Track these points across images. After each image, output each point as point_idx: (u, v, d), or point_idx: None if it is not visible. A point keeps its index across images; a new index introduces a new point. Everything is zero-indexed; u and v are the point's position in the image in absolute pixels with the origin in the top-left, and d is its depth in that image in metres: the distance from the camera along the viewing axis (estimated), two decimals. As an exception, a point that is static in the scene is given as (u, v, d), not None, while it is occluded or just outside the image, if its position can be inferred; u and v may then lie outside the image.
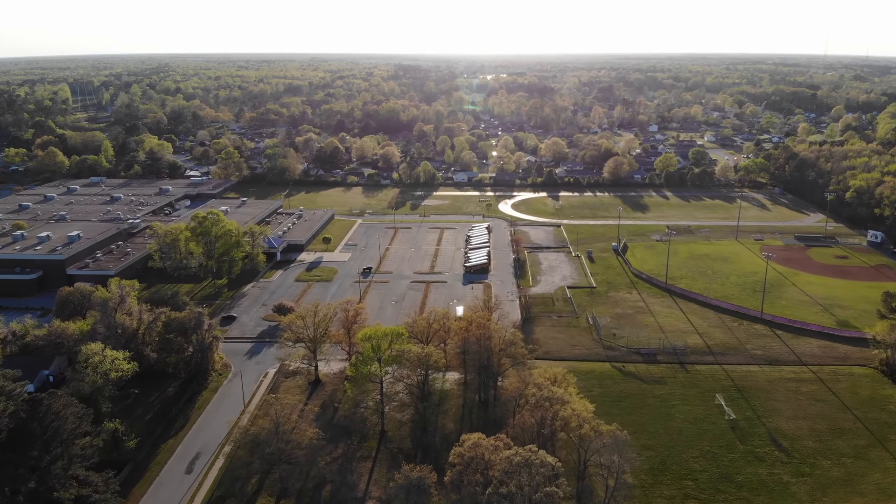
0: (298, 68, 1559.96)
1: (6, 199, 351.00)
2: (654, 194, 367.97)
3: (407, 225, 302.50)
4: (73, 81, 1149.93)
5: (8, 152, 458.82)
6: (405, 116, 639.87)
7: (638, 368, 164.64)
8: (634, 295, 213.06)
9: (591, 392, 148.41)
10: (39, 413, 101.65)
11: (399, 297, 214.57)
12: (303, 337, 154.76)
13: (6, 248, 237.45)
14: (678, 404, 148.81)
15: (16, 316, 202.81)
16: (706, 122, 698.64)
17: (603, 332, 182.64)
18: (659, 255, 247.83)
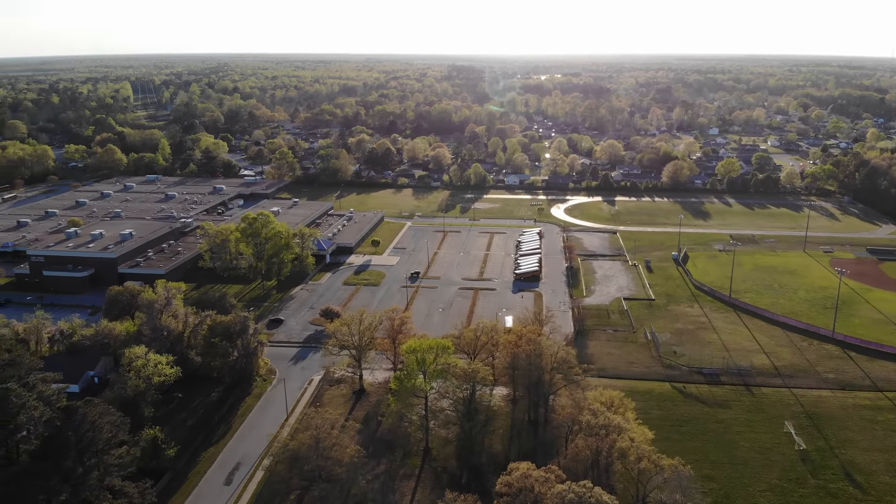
0: (353, 69, 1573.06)
1: (63, 196, 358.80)
2: (716, 201, 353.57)
3: (456, 229, 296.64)
4: (135, 80, 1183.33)
5: (68, 149, 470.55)
6: (457, 117, 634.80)
7: (700, 390, 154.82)
8: (696, 309, 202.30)
9: (650, 415, 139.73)
10: (74, 421, 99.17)
11: (446, 303, 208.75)
12: (348, 345, 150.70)
13: (59, 245, 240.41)
14: (743, 431, 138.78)
15: (67, 313, 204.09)
16: (769, 125, 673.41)
17: (662, 348, 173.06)
18: (722, 266, 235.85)
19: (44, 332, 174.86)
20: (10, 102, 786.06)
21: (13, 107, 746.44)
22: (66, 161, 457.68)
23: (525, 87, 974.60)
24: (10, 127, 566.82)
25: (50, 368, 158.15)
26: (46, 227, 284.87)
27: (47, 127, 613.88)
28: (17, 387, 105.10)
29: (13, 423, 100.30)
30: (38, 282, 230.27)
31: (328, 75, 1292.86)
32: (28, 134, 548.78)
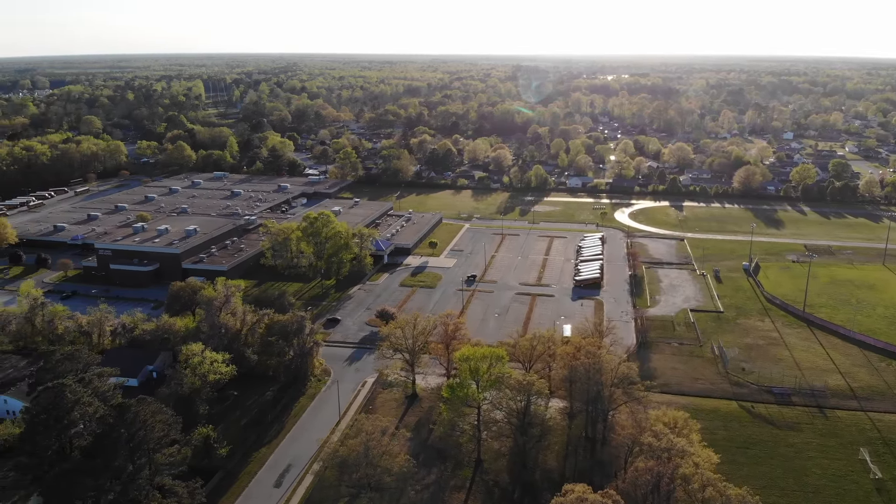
0: (418, 69, 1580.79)
1: (134, 191, 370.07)
2: (790, 209, 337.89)
3: (515, 231, 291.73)
4: (207, 78, 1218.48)
5: (140, 145, 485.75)
6: (520, 118, 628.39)
7: (769, 410, 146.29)
8: (767, 323, 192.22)
9: (715, 435, 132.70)
10: (126, 419, 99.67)
11: (502, 309, 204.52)
12: (401, 349, 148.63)
13: (126, 240, 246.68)
14: (815, 457, 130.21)
15: (130, 307, 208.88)
16: (847, 130, 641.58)
17: (730, 364, 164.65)
18: (795, 279, 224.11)
19: (106, 326, 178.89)
20: (87, 98, 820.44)
21: (90, 102, 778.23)
22: (138, 157, 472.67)
23: (591, 88, 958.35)
24: (86, 122, 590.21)
25: (110, 362, 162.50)
26: (115, 221, 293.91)
27: (121, 123, 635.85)
28: (73, 382, 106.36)
29: (67, 419, 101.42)
30: (105, 275, 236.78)
31: (393, 76, 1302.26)
32: (103, 129, 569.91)
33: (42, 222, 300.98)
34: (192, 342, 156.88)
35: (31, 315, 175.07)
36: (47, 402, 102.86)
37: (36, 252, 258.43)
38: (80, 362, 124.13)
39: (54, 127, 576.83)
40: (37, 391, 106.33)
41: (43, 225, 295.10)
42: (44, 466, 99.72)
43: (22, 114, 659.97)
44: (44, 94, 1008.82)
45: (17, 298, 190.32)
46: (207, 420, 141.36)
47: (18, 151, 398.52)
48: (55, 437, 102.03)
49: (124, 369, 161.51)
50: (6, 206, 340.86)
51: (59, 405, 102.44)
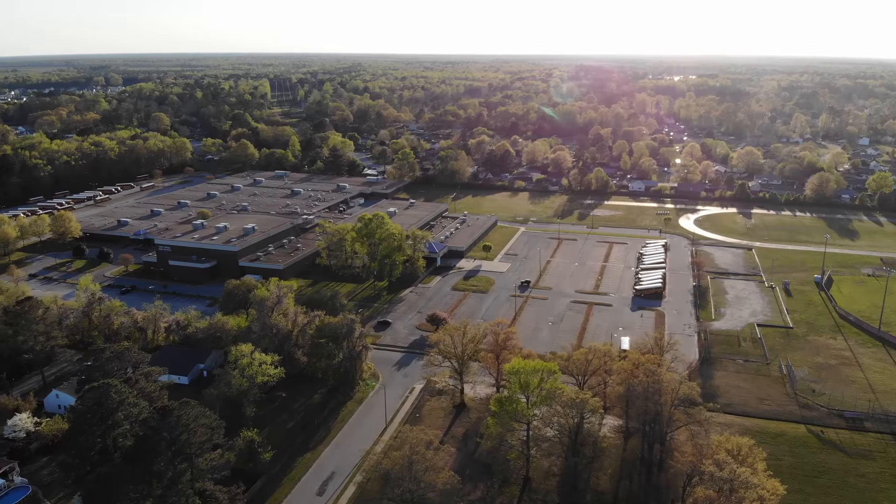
0: (480, 70, 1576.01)
1: (197, 187, 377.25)
2: (866, 219, 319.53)
3: (572, 236, 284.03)
4: (274, 77, 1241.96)
5: (205, 142, 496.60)
6: (581, 119, 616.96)
7: (840, 436, 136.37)
8: (839, 341, 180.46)
9: (781, 461, 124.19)
10: (169, 423, 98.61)
11: (557, 317, 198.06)
12: (449, 356, 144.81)
13: (185, 237, 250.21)
14: (888, 488, 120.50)
15: (187, 303, 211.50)
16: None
17: (799, 385, 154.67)
18: (871, 294, 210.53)
19: (161, 322, 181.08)
20: (158, 96, 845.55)
21: (160, 100, 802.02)
22: (203, 154, 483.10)
23: (656, 88, 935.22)
24: (154, 119, 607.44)
25: (162, 359, 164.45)
26: (177, 218, 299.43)
27: (189, 120, 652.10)
28: (119, 382, 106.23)
29: (111, 419, 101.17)
30: (163, 271, 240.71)
31: (455, 76, 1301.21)
32: (171, 126, 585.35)
33: (107, 217, 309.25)
34: (243, 342, 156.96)
35: (88, 310, 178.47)
36: (92, 402, 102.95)
37: (99, 246, 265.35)
38: (128, 361, 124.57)
39: (124, 123, 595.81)
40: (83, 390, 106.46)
41: (107, 219, 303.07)
42: (86, 466, 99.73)
43: (94, 110, 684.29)
44: (117, 90, 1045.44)
45: (75, 292, 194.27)
46: (254, 422, 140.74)
47: (87, 147, 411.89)
48: (99, 437, 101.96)
49: (175, 367, 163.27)
50: (74, 199, 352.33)
51: (104, 405, 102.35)
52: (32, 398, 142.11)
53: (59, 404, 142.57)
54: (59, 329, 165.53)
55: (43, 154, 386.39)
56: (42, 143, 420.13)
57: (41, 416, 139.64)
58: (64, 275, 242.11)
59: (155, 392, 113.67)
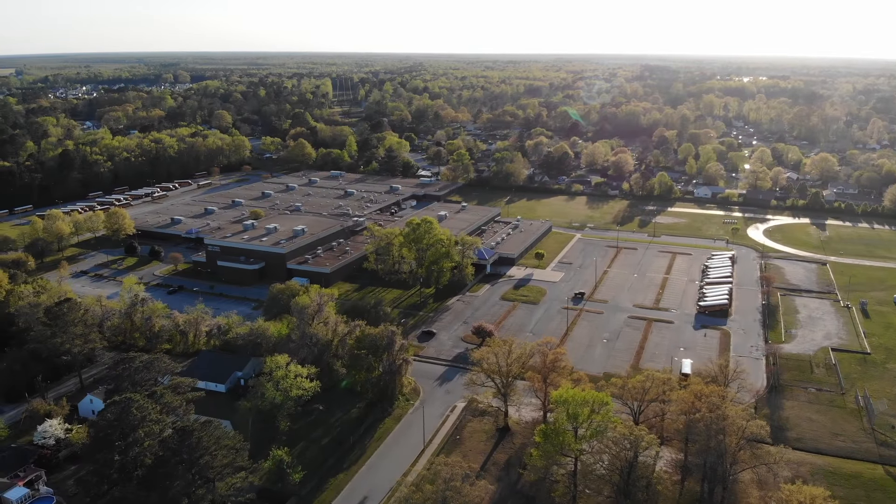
0: (541, 69, 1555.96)
1: (252, 186, 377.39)
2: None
3: (632, 245, 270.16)
4: (336, 77, 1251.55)
5: (265, 140, 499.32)
6: (646, 120, 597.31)
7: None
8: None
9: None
10: (188, 445, 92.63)
11: (612, 333, 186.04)
12: (493, 376, 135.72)
13: (235, 237, 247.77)
14: None
15: (232, 305, 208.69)
16: None
17: (877, 420, 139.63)
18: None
19: (202, 326, 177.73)
20: (222, 94, 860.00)
21: (224, 97, 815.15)
22: (261, 152, 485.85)
23: (724, 90, 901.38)
24: (217, 116, 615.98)
25: (200, 364, 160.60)
26: (230, 217, 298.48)
27: (250, 118, 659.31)
28: (142, 398, 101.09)
29: (131, 437, 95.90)
30: (211, 271, 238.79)
31: (515, 76, 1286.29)
32: (232, 124, 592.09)
33: (161, 214, 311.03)
34: (282, 350, 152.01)
35: (130, 311, 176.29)
36: (113, 417, 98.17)
37: (151, 244, 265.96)
38: (158, 371, 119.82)
39: (188, 120, 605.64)
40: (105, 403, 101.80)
41: (161, 217, 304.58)
42: (104, 485, 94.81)
43: (160, 106, 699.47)
44: (184, 87, 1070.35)
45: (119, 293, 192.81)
46: (288, 436, 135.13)
47: (148, 143, 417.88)
48: (118, 455, 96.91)
49: (213, 374, 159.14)
50: (131, 196, 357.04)
51: (125, 421, 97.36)
52: (65, 403, 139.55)
53: (93, 409, 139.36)
54: (98, 331, 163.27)
55: (104, 150, 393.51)
56: (104, 139, 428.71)
57: (76, 421, 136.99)
58: (114, 272, 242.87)
59: (181, 406, 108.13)
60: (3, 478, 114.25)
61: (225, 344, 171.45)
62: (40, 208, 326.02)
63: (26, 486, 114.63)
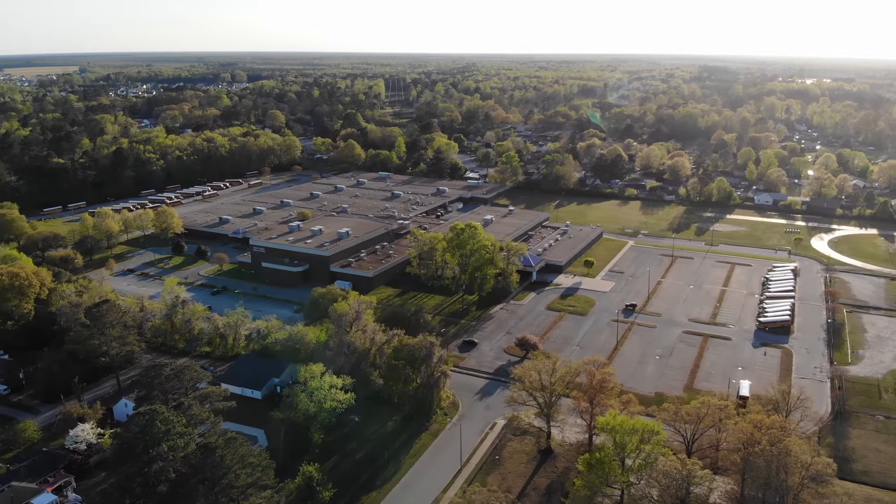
0: (596, 69, 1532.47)
1: (302, 187, 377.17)
2: None
3: (688, 254, 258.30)
4: (389, 77, 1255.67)
5: (315, 141, 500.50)
6: (703, 122, 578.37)
7: None
8: None
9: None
10: (211, 463, 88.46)
11: (665, 350, 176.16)
12: (535, 394, 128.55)
13: (280, 238, 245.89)
14: None
15: (275, 308, 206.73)
16: None
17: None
18: None
19: (241, 330, 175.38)
20: (277, 93, 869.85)
21: (278, 97, 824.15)
22: (312, 152, 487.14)
23: (786, 92, 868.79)
24: (270, 116, 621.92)
25: (238, 370, 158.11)
26: (278, 217, 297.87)
27: (303, 118, 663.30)
28: (167, 410, 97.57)
29: (154, 451, 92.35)
30: (256, 272, 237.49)
31: (569, 76, 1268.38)
32: (285, 124, 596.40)
33: (210, 213, 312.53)
34: (320, 358, 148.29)
35: (170, 313, 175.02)
36: (137, 430, 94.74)
37: (199, 243, 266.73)
38: (188, 380, 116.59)
39: (242, 119, 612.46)
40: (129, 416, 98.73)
41: (210, 216, 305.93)
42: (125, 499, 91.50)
43: (215, 105, 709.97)
44: (240, 87, 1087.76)
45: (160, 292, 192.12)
46: (321, 448, 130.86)
47: (200, 142, 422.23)
48: (141, 468, 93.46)
49: (250, 380, 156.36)
50: (182, 194, 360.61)
51: (149, 434, 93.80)
52: (99, 407, 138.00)
53: (128, 413, 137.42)
54: (137, 332, 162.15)
55: (157, 148, 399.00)
56: (158, 137, 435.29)
57: (110, 424, 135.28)
58: (160, 271, 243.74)
59: (208, 418, 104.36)
60: (33, 483, 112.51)
61: (263, 349, 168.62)
62: (93, 205, 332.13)
63: (55, 493, 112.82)
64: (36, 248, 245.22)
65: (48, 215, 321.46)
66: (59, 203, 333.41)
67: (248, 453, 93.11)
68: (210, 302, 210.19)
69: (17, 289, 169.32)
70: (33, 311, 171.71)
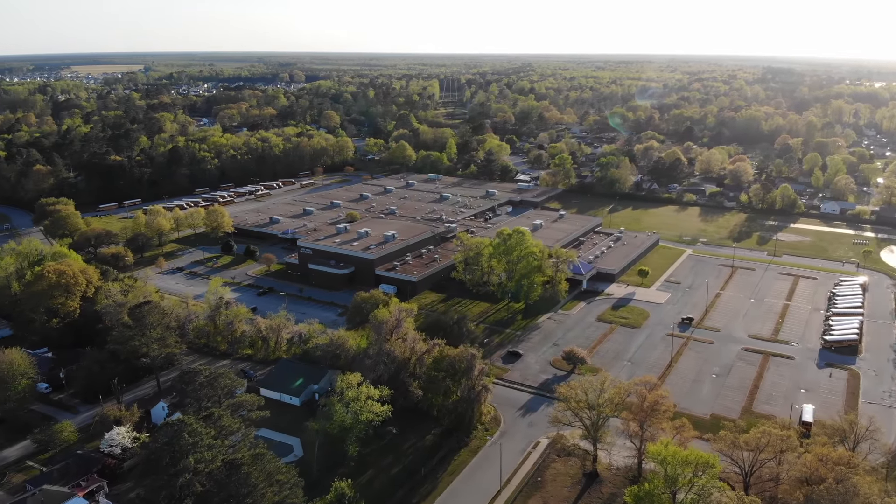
0: (655, 70, 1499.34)
1: (352, 188, 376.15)
2: None
3: (749, 265, 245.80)
4: (444, 78, 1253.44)
5: (368, 142, 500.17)
6: (767, 126, 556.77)
7: None
8: None
9: None
10: (236, 480, 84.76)
11: (723, 368, 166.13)
12: (581, 414, 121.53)
13: (327, 240, 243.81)
14: None
15: (319, 310, 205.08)
16: None
17: None
18: None
19: (284, 333, 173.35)
20: (333, 94, 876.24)
21: (334, 98, 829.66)
22: (365, 153, 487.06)
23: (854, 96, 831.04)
24: (325, 116, 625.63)
25: (278, 374, 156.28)
26: (327, 218, 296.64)
27: (357, 119, 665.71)
28: (195, 421, 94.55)
29: (181, 464, 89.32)
30: (300, 274, 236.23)
31: (627, 76, 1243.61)
32: (340, 124, 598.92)
33: (261, 213, 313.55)
34: (359, 366, 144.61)
35: (213, 314, 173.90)
36: (164, 441, 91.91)
37: (248, 242, 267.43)
38: (222, 388, 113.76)
39: (298, 119, 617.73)
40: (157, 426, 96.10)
41: (261, 215, 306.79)
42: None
43: (272, 105, 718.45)
44: (298, 87, 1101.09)
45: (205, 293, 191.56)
46: (357, 462, 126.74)
47: (255, 142, 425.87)
48: (167, 481, 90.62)
49: (289, 385, 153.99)
50: (236, 193, 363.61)
51: (177, 447, 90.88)
52: (136, 409, 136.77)
53: (165, 416, 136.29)
54: (178, 334, 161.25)
55: (212, 147, 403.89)
56: (213, 136, 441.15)
57: (146, 428, 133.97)
58: (209, 270, 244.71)
59: (239, 430, 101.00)
60: (65, 487, 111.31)
61: (304, 353, 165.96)
62: (148, 202, 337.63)
63: (86, 497, 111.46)
64: (88, 244, 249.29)
65: (104, 212, 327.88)
66: (115, 200, 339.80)
67: (276, 470, 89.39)
68: (256, 302, 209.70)
69: (63, 286, 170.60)
70: (79, 309, 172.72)
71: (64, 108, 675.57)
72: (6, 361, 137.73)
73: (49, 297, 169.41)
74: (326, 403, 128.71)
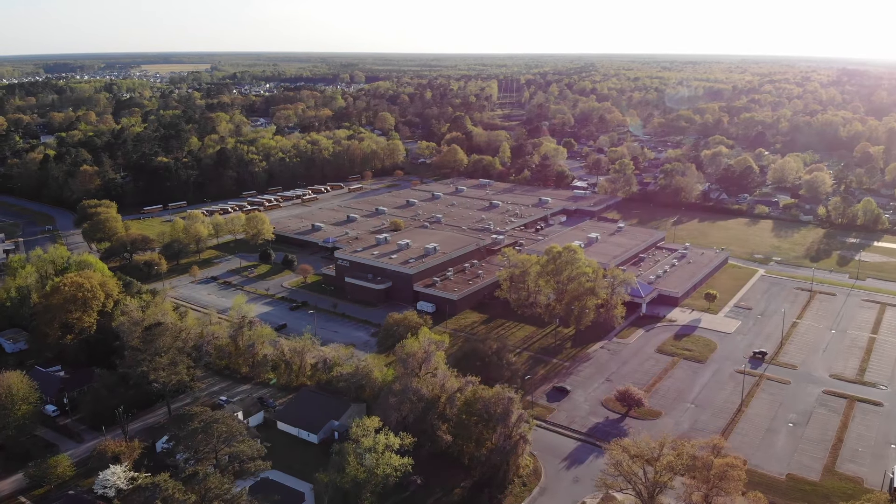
0: (724, 70, 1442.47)
1: (400, 193, 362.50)
2: None
3: (829, 288, 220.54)
4: (503, 78, 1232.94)
5: (420, 145, 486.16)
6: (845, 132, 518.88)
7: None
8: None
9: None
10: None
11: (801, 415, 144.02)
12: (634, 479, 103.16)
13: (365, 252, 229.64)
14: None
15: (353, 329, 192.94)
16: None
17: None
18: None
19: (308, 357, 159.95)
20: (391, 95, 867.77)
21: (391, 99, 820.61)
22: (416, 156, 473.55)
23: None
24: (380, 118, 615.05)
25: (297, 406, 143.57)
26: (370, 226, 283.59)
27: (412, 121, 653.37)
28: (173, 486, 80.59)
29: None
30: (338, 287, 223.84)
31: (694, 76, 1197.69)
32: (394, 126, 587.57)
33: (304, 219, 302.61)
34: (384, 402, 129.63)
35: (235, 335, 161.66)
36: (134, 509, 78.35)
37: (287, 250, 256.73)
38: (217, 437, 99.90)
39: (352, 121, 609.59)
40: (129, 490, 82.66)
41: (303, 222, 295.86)
42: None
43: (330, 106, 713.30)
44: (357, 87, 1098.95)
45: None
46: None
47: (304, 144, 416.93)
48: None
49: (307, 420, 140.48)
50: (282, 197, 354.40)
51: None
52: (137, 444, 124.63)
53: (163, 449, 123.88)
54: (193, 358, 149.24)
55: (261, 149, 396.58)
56: (263, 138, 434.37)
57: (146, 466, 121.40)
58: (244, 280, 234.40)
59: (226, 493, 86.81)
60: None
61: (328, 382, 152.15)
62: (193, 205, 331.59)
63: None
64: (124, 249, 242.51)
65: (148, 214, 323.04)
66: (161, 202, 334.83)
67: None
68: (287, 318, 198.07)
69: (80, 301, 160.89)
70: (95, 325, 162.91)
71: (125, 106, 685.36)
72: (4, 385, 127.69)
73: (64, 311, 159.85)
74: (339, 451, 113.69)
